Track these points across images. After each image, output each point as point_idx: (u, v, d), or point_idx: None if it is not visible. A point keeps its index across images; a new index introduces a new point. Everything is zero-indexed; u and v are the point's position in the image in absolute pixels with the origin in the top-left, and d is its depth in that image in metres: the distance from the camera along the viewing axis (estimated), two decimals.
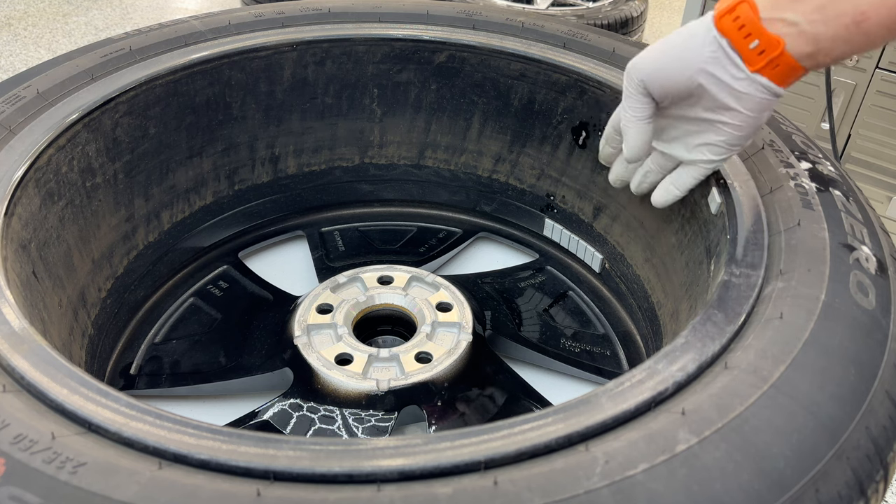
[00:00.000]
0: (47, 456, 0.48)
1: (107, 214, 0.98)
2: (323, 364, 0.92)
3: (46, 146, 0.84)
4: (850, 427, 0.52)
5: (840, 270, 0.66)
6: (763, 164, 0.83)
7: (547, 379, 1.03)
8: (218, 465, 0.48)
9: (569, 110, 1.12)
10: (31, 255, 0.80)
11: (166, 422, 0.52)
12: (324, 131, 1.22)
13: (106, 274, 0.99)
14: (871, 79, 1.69)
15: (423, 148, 1.27)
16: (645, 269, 1.05)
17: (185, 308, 1.11)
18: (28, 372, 0.56)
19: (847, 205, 0.76)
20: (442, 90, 1.20)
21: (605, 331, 1.11)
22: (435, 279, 1.09)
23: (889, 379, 0.57)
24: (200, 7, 3.54)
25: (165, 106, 1.03)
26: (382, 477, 0.47)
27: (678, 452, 0.49)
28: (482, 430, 0.51)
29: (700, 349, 0.59)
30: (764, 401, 0.53)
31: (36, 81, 0.93)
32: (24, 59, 2.83)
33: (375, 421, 0.88)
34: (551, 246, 1.26)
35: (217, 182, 1.16)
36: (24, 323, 0.62)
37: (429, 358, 0.95)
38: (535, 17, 1.19)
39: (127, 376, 0.99)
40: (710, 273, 0.80)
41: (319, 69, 1.16)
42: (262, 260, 1.24)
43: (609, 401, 0.54)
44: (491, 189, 1.27)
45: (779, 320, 0.60)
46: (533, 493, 0.46)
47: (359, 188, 1.30)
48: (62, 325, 0.85)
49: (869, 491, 0.51)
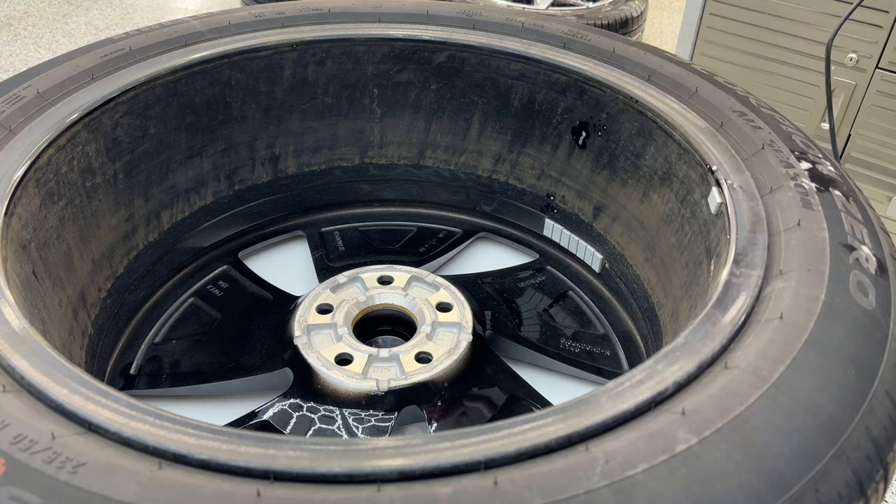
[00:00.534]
0: (47, 456, 0.48)
1: (107, 214, 0.98)
2: (323, 364, 0.92)
3: (46, 146, 0.84)
4: (850, 427, 0.52)
5: (840, 270, 0.66)
6: (763, 164, 0.83)
7: (547, 379, 1.03)
8: (218, 465, 0.48)
9: (569, 110, 1.12)
10: (31, 255, 0.80)
11: (166, 422, 0.52)
12: (324, 131, 1.22)
13: (106, 274, 0.99)
14: (871, 79, 1.69)
15: (423, 148, 1.27)
16: (645, 269, 1.05)
17: (185, 308, 1.11)
18: (28, 372, 0.56)
19: (847, 205, 0.76)
20: (442, 90, 1.20)
21: (605, 331, 1.11)
22: (435, 279, 1.09)
23: (889, 379, 0.57)
24: (200, 7, 3.54)
25: (165, 106, 1.03)
26: (382, 477, 0.47)
27: (678, 452, 0.49)
28: (482, 430, 0.51)
29: (700, 349, 0.59)
30: (764, 401, 0.53)
31: (36, 81, 0.93)
32: (24, 59, 2.83)
33: (375, 421, 0.88)
34: (551, 246, 1.26)
35: (217, 182, 1.16)
36: (24, 323, 0.62)
37: (429, 358, 0.95)
38: (535, 17, 1.19)
39: (127, 376, 0.99)
40: (710, 273, 0.80)
41: (319, 69, 1.16)
42: (262, 260, 1.24)
43: (609, 401, 0.54)
44: (491, 189, 1.27)
45: (779, 320, 0.60)
46: (533, 493, 0.46)
47: (359, 188, 1.30)
48: (62, 325, 0.85)
49: (869, 491, 0.51)
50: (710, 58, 1.94)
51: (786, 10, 1.77)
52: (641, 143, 1.02)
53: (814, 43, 1.76)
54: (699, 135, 0.90)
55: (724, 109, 0.94)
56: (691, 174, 0.91)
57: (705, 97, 0.97)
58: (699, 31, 1.94)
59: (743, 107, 0.94)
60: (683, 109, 0.96)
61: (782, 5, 1.77)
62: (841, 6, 1.69)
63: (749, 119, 0.91)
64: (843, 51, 1.69)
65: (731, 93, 0.98)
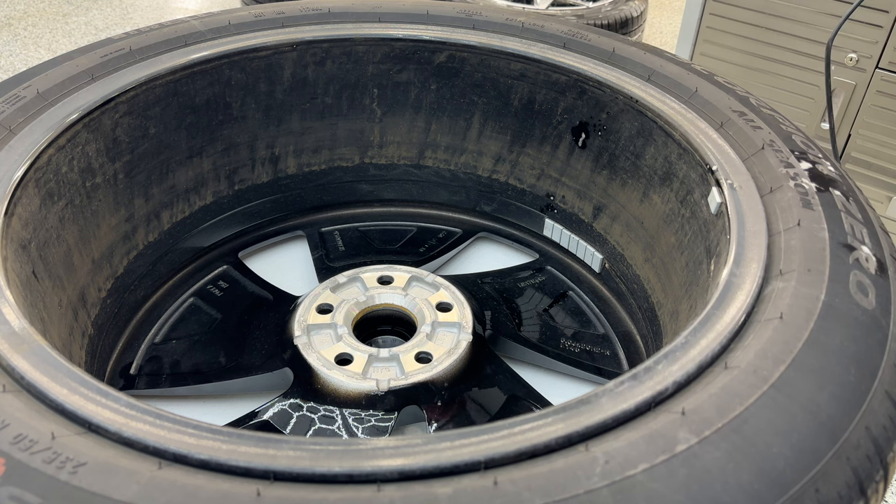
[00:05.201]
0: (47, 456, 0.48)
1: (107, 214, 0.98)
2: (323, 364, 0.92)
3: (46, 146, 0.84)
4: (850, 427, 0.52)
5: (840, 270, 0.66)
6: (763, 164, 0.83)
7: (547, 379, 1.03)
8: (218, 465, 0.48)
9: (569, 110, 1.12)
10: (31, 255, 0.80)
11: (166, 422, 0.52)
12: (324, 131, 1.22)
13: (106, 274, 0.99)
14: (871, 79, 1.69)
15: (423, 148, 1.27)
16: (645, 269, 1.05)
17: (185, 308, 1.11)
18: (28, 372, 0.56)
19: (847, 205, 0.76)
20: (442, 90, 1.20)
21: (605, 331, 1.11)
22: (435, 279, 1.09)
23: (889, 379, 0.57)
24: (200, 7, 3.54)
25: (165, 106, 1.03)
26: (382, 477, 0.47)
27: (678, 452, 0.49)
28: (482, 430, 0.51)
29: (700, 349, 0.59)
30: (764, 401, 0.53)
31: (36, 81, 0.93)
32: (24, 59, 2.83)
33: (375, 421, 0.88)
34: (551, 246, 1.25)
35: (217, 182, 1.16)
36: (24, 323, 0.62)
37: (429, 358, 0.95)
38: (535, 17, 1.19)
39: (127, 376, 0.99)
40: (710, 273, 0.80)
41: (319, 69, 1.16)
42: (262, 260, 1.24)
43: (609, 401, 0.54)
44: (491, 189, 1.27)
45: (779, 320, 0.60)
46: (533, 493, 0.46)
47: (359, 188, 1.30)
48: (62, 325, 0.85)
49: (869, 491, 0.51)
50: (710, 58, 1.94)
51: (786, 10, 1.77)
52: (641, 143, 1.02)
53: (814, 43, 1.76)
54: (699, 135, 0.90)
55: (724, 109, 0.94)
56: (691, 174, 0.91)
57: (705, 97, 0.97)
58: (699, 31, 1.94)
59: (743, 107, 0.94)
60: (683, 109, 0.96)
61: (782, 5, 1.77)
62: (841, 6, 1.69)
63: (749, 119, 0.91)
64: (843, 51, 1.70)
65: (731, 93, 0.98)
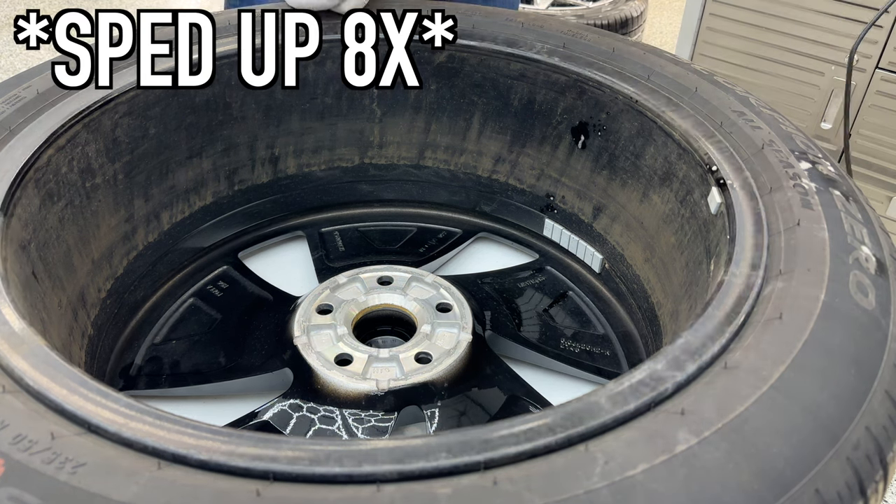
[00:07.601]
0: (47, 456, 0.48)
1: (106, 215, 0.98)
2: (323, 364, 0.92)
3: (46, 146, 0.84)
4: (850, 427, 0.52)
5: (840, 270, 0.66)
6: (763, 164, 0.83)
7: (547, 379, 1.03)
8: (217, 465, 0.48)
9: (569, 110, 1.12)
10: (30, 256, 0.80)
11: (165, 422, 0.52)
12: (323, 132, 1.22)
13: (106, 274, 0.99)
14: (871, 79, 1.69)
15: (422, 148, 1.27)
16: (645, 269, 1.05)
17: (185, 308, 1.11)
18: (28, 372, 0.56)
19: (847, 205, 0.76)
20: (442, 90, 1.20)
21: (605, 331, 1.11)
22: (435, 279, 1.09)
23: (889, 379, 0.57)
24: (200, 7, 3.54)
25: (165, 106, 1.03)
26: (382, 477, 0.47)
27: (678, 452, 0.49)
28: (482, 431, 0.51)
29: (700, 349, 0.59)
30: (764, 401, 0.53)
31: (36, 81, 0.93)
32: (24, 59, 2.82)
33: (375, 421, 0.88)
34: (551, 246, 1.25)
35: (217, 182, 1.16)
36: (23, 323, 0.62)
37: (428, 358, 0.95)
38: (535, 17, 1.19)
39: (127, 377, 0.99)
40: (710, 273, 0.80)
41: (319, 69, 1.16)
42: (262, 260, 1.24)
43: (609, 401, 0.54)
44: (491, 189, 1.27)
45: (779, 320, 0.60)
46: (533, 493, 0.46)
47: (359, 188, 1.30)
48: (62, 326, 0.85)
49: (869, 491, 0.51)
50: (710, 58, 1.95)
51: (786, 10, 1.77)
52: (641, 143, 1.02)
53: (814, 43, 1.76)
54: (699, 135, 0.90)
55: (724, 109, 0.94)
56: (691, 174, 0.91)
57: (705, 97, 0.97)
58: (699, 31, 1.94)
59: (743, 107, 0.94)
60: (683, 109, 0.96)
61: (782, 5, 1.77)
62: (841, 6, 1.69)
63: (749, 119, 0.91)
64: (843, 51, 1.70)
65: (731, 93, 0.98)
